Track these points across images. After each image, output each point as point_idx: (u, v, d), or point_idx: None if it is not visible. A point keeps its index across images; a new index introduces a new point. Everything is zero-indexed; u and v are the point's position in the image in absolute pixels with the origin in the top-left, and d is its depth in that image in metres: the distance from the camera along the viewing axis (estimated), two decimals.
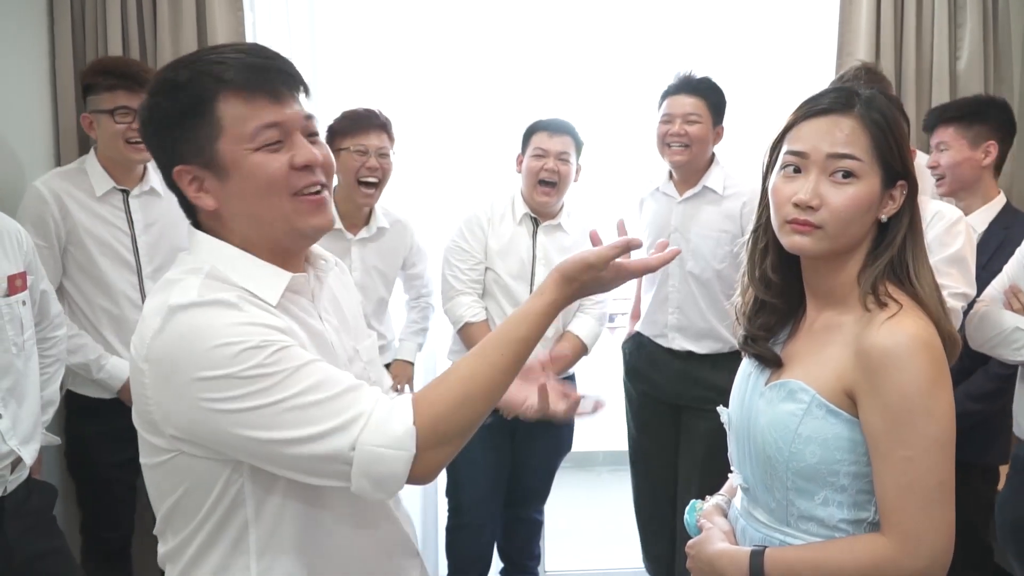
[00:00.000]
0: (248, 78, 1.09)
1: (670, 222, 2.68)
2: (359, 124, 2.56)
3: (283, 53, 1.17)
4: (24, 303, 1.94)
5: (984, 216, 2.44)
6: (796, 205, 1.23)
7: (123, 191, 2.45)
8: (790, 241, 1.26)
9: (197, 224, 1.18)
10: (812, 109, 1.27)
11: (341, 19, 3.10)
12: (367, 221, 2.69)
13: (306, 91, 1.16)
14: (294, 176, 1.11)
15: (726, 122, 2.63)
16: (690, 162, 2.58)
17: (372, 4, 3.11)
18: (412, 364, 2.89)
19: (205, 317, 1.04)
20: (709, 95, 2.55)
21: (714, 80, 2.58)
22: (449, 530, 2.89)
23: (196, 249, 1.16)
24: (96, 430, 2.43)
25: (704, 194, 2.62)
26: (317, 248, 1.27)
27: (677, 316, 2.67)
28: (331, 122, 2.61)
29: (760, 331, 1.37)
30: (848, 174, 1.22)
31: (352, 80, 3.10)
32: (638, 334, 2.88)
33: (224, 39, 2.87)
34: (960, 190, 2.48)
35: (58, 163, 2.81)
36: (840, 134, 1.23)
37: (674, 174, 2.68)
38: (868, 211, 1.24)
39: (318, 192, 1.14)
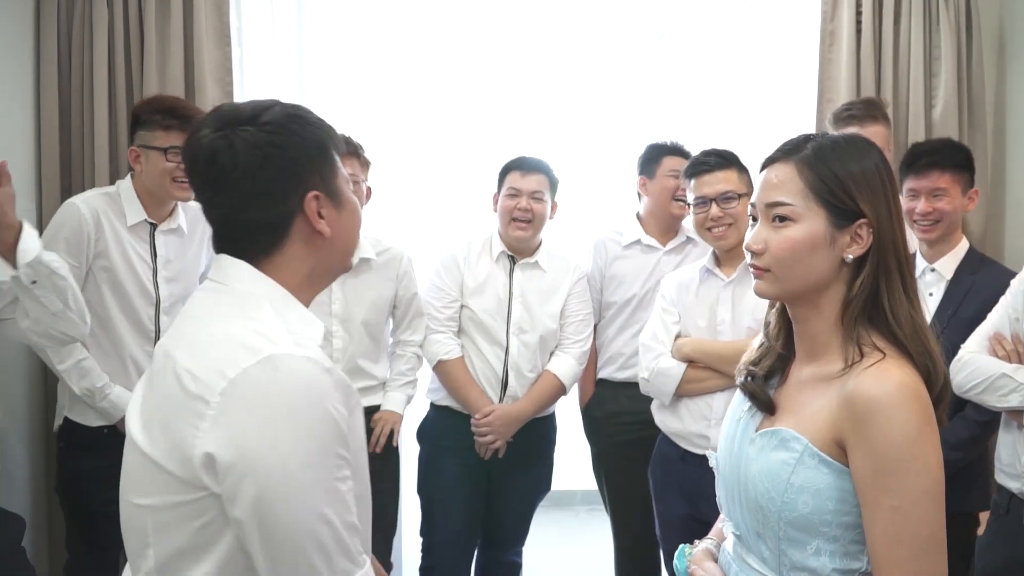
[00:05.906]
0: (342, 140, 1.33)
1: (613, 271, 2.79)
2: None
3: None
4: None
5: (951, 262, 2.45)
6: (748, 251, 1.31)
7: (151, 224, 2.45)
8: (753, 285, 1.33)
9: (249, 253, 1.20)
10: (764, 161, 1.34)
11: (329, 57, 3.12)
12: None
13: None
14: None
15: None
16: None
17: (359, 45, 3.14)
18: (399, 414, 2.73)
19: (312, 376, 1.09)
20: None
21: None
22: (422, 570, 2.83)
23: (246, 279, 1.18)
24: (94, 465, 2.33)
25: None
26: None
27: None
28: None
29: (762, 371, 1.38)
30: (783, 218, 1.27)
31: (339, 119, 3.10)
32: (600, 390, 2.88)
33: (211, 75, 2.89)
34: (947, 236, 2.47)
35: (39, 196, 2.79)
36: (774, 181, 1.29)
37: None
38: (811, 252, 1.25)
39: None
